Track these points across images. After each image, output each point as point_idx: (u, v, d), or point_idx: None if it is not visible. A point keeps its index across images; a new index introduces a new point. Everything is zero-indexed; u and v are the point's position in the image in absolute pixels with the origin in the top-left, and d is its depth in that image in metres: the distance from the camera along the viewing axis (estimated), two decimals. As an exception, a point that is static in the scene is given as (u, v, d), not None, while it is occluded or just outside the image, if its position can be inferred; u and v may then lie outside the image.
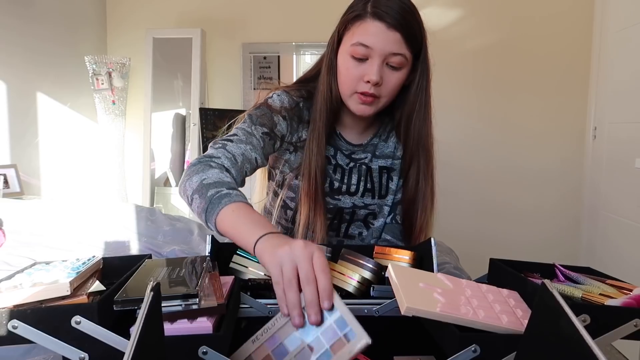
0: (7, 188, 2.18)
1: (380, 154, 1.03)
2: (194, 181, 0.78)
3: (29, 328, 0.52)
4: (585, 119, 2.57)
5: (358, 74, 0.86)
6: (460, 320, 0.55)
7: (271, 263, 0.59)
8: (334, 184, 0.99)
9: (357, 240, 1.03)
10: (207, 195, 0.74)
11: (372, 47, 0.84)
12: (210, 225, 0.74)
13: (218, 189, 0.75)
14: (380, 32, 0.83)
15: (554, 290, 0.46)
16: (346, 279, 0.73)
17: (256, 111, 0.93)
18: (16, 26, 2.43)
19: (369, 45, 0.84)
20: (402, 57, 0.86)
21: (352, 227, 1.03)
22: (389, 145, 1.04)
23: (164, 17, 3.23)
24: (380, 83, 0.86)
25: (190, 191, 0.78)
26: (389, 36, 0.83)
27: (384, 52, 0.84)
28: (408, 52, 0.86)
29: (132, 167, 3.26)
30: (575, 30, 2.55)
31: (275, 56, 3.25)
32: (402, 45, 0.85)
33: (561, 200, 2.64)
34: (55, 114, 2.75)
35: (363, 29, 0.85)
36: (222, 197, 0.73)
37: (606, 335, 0.57)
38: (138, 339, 0.37)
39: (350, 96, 0.90)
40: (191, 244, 1.62)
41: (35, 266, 0.68)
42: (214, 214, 0.72)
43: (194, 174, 0.79)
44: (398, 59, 0.85)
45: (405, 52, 0.86)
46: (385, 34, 0.83)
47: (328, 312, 0.56)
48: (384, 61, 0.85)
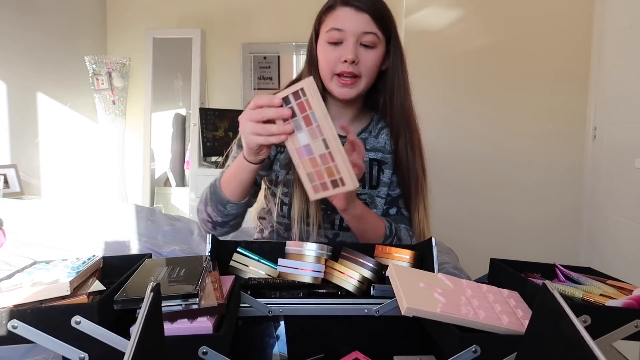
0: (7, 188, 2.18)
1: (370, 147, 1.06)
2: (202, 201, 0.96)
3: (29, 328, 0.52)
4: (585, 120, 2.57)
5: (335, 57, 0.93)
6: (460, 321, 0.55)
7: (242, 131, 0.78)
8: None
9: (352, 232, 1.03)
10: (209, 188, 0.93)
11: (344, 29, 0.91)
12: (220, 193, 0.90)
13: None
14: (350, 15, 0.91)
15: (555, 291, 0.46)
16: (346, 277, 0.73)
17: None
18: (16, 26, 2.43)
19: (341, 28, 0.92)
20: (373, 35, 0.92)
21: None
22: (380, 141, 1.07)
23: (164, 17, 3.23)
24: (357, 61, 0.92)
25: (203, 203, 0.95)
26: (358, 17, 0.91)
27: (356, 31, 0.91)
28: (379, 31, 0.93)
29: (132, 167, 3.26)
30: (574, 30, 2.55)
31: (275, 56, 3.25)
32: (372, 25, 0.92)
33: (561, 200, 2.64)
34: (55, 114, 2.75)
35: (335, 17, 0.93)
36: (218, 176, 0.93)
37: (607, 336, 0.57)
38: (138, 339, 0.37)
39: (331, 80, 0.96)
40: (191, 244, 1.62)
41: (35, 265, 0.68)
42: (217, 182, 0.91)
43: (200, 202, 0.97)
44: (370, 38, 0.92)
45: (376, 31, 0.92)
46: (355, 15, 0.91)
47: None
48: (358, 40, 0.92)
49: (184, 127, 3.35)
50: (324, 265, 0.75)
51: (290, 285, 0.73)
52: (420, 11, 2.60)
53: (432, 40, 2.60)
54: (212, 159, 3.19)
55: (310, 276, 0.74)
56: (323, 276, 0.75)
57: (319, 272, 0.75)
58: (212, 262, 0.72)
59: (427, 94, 2.62)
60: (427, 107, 2.63)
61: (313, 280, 0.74)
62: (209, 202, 0.93)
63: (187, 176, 3.27)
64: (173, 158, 3.37)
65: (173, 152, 3.36)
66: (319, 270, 0.75)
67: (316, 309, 0.67)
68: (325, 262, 0.76)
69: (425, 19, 2.60)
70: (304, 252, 0.76)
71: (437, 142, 2.61)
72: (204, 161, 3.13)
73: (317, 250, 0.76)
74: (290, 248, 0.78)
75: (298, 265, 0.75)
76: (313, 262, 0.75)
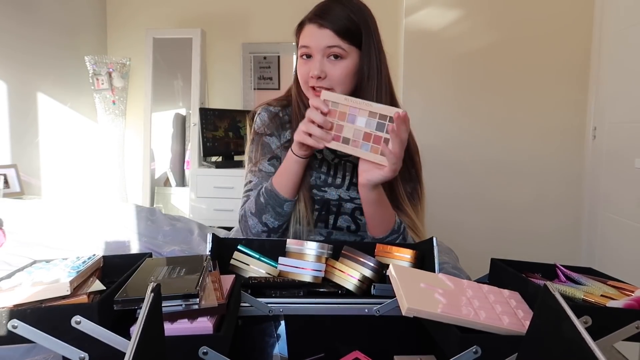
0: (7, 188, 2.18)
1: None
2: (254, 213, 1.00)
3: (29, 328, 0.52)
4: (585, 119, 2.57)
5: (305, 71, 0.99)
6: (461, 321, 0.55)
7: (297, 134, 0.89)
8: (320, 176, 1.06)
9: (345, 232, 1.06)
10: (260, 197, 1.00)
11: (309, 45, 0.97)
12: (277, 193, 0.97)
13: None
14: (314, 32, 0.97)
15: (556, 292, 0.45)
16: (347, 277, 0.73)
17: (251, 147, 1.10)
18: (17, 26, 2.43)
19: (307, 45, 0.98)
20: (338, 48, 0.96)
21: (340, 220, 1.06)
22: None
23: (164, 17, 3.23)
24: (324, 76, 0.97)
25: (257, 214, 1.00)
26: (321, 33, 0.96)
27: (320, 47, 0.96)
28: (344, 43, 0.97)
29: (132, 167, 3.25)
30: (575, 30, 2.55)
31: (275, 56, 3.24)
32: (335, 38, 0.96)
33: (561, 200, 2.63)
34: (55, 114, 2.75)
35: (304, 34, 1.00)
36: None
37: (608, 337, 0.57)
38: (138, 339, 0.37)
39: (308, 92, 1.01)
40: (191, 244, 1.62)
41: (35, 265, 0.68)
42: (270, 187, 0.98)
43: (245, 221, 1.02)
44: (336, 50, 0.96)
45: (340, 43, 0.96)
46: (318, 32, 0.97)
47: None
48: (324, 55, 0.97)
49: (184, 127, 3.35)
50: (324, 264, 0.76)
51: (291, 284, 0.73)
52: (420, 11, 2.60)
53: (431, 40, 2.60)
54: (212, 159, 3.19)
55: (310, 275, 0.74)
56: (324, 275, 0.75)
57: (320, 271, 0.75)
58: (213, 261, 0.72)
59: (426, 94, 2.62)
60: (426, 106, 2.64)
61: (314, 279, 0.74)
62: (264, 209, 0.98)
63: (187, 176, 3.27)
64: (173, 158, 3.36)
65: (173, 152, 3.36)
66: (319, 269, 0.75)
67: (316, 309, 0.67)
68: (326, 261, 0.76)
69: (425, 19, 2.60)
70: (304, 251, 0.76)
71: (435, 142, 2.61)
72: (204, 161, 3.13)
73: (318, 249, 0.76)
74: (291, 246, 0.78)
75: (299, 264, 0.75)
76: (314, 261, 0.75)
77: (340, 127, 0.87)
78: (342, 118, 0.87)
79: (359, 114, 0.86)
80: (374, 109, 0.85)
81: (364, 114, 0.86)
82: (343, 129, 0.87)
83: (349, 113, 0.87)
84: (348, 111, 0.87)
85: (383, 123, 0.84)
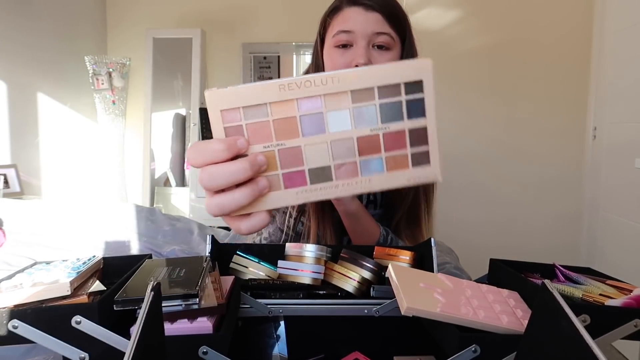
0: (7, 188, 2.18)
1: None
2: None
3: (29, 328, 0.52)
4: (585, 119, 2.57)
5: (344, 62, 0.81)
6: (460, 321, 0.55)
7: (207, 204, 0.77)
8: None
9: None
10: None
11: (353, 30, 0.80)
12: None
13: None
14: (359, 15, 0.80)
15: (554, 290, 0.46)
16: (346, 279, 0.73)
17: None
18: (16, 26, 2.43)
19: (350, 29, 0.80)
20: (387, 36, 0.81)
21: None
22: None
23: (164, 17, 3.23)
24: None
25: None
26: (368, 17, 0.80)
27: (367, 32, 0.80)
28: (392, 31, 0.82)
29: (132, 167, 3.26)
30: (575, 30, 2.55)
31: (275, 56, 3.25)
32: (384, 24, 0.81)
33: (561, 200, 2.64)
34: (55, 114, 2.75)
35: (341, 18, 0.82)
36: None
37: (606, 335, 0.57)
38: (138, 339, 0.37)
39: None
40: (191, 244, 1.62)
41: (35, 266, 0.68)
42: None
43: None
44: (384, 38, 0.81)
45: (389, 31, 0.81)
46: (364, 15, 0.80)
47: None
48: (370, 43, 0.81)
49: (184, 127, 3.35)
50: (323, 267, 0.76)
51: (290, 287, 0.73)
52: (420, 11, 2.60)
53: (432, 40, 2.60)
54: (212, 159, 3.18)
55: (309, 277, 0.74)
56: (323, 277, 0.75)
57: (319, 274, 0.75)
58: (212, 262, 0.72)
59: (427, 94, 2.62)
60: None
61: (313, 281, 0.74)
62: None
63: (187, 176, 3.27)
64: (173, 158, 3.36)
65: (173, 152, 3.36)
66: (318, 272, 0.75)
67: (316, 310, 0.68)
68: (325, 264, 0.76)
69: (425, 19, 2.60)
70: (303, 254, 0.76)
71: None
72: (204, 161, 3.13)
73: (317, 251, 0.76)
74: (289, 250, 0.78)
75: (298, 267, 0.75)
76: (312, 263, 0.75)
77: (291, 153, 0.40)
78: (287, 131, 0.40)
79: (331, 104, 0.39)
80: (364, 80, 0.39)
81: (340, 100, 0.39)
82: (301, 154, 0.40)
83: (305, 114, 0.39)
84: (297, 111, 0.39)
85: (398, 101, 0.40)
